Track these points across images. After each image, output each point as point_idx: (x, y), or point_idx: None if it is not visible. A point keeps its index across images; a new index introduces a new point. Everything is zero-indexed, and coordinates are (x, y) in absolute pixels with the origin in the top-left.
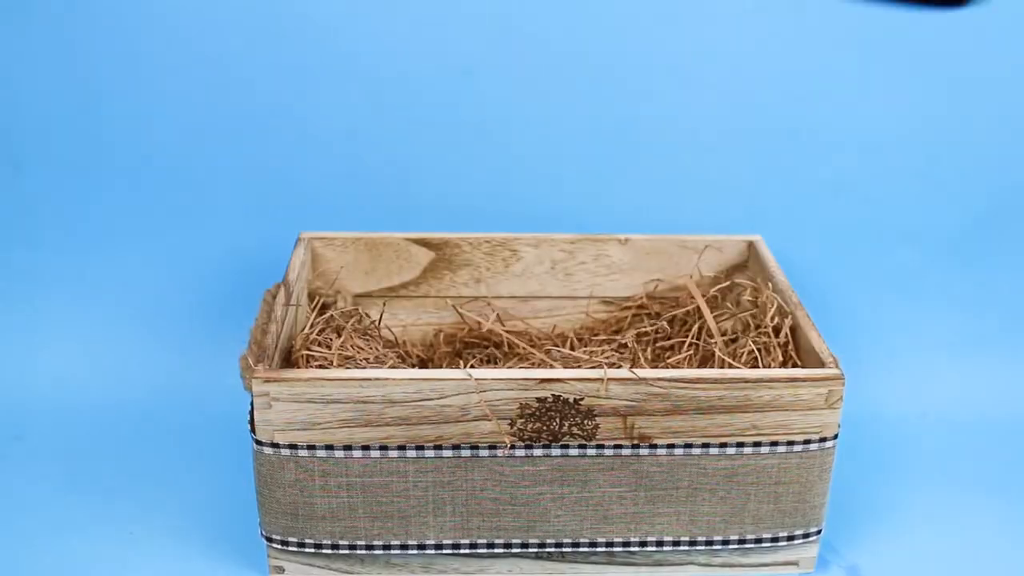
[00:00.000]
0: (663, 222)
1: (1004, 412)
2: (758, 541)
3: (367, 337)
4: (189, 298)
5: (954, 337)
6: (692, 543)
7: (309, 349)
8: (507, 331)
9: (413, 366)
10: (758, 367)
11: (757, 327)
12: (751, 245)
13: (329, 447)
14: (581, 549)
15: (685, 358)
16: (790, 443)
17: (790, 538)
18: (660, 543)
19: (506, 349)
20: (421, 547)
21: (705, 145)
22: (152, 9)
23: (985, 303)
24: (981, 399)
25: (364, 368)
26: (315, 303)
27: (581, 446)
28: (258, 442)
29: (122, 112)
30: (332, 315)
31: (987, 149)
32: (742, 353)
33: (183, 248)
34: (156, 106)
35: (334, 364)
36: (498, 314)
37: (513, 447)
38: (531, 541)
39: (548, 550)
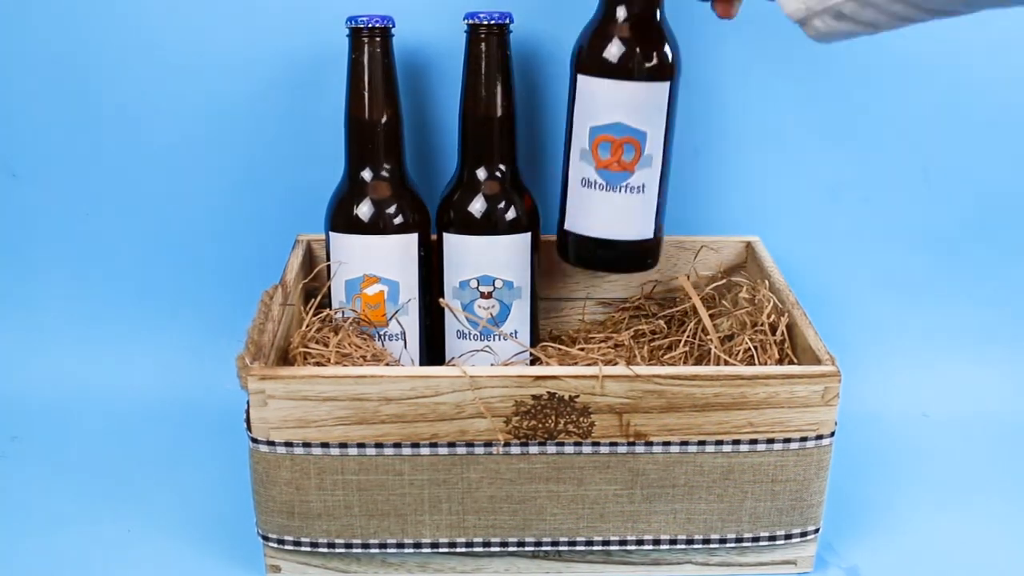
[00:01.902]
0: None
1: (1004, 411)
2: (755, 540)
3: (365, 336)
4: (187, 299)
5: (954, 337)
6: (689, 542)
7: (306, 347)
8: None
9: None
10: (754, 365)
11: (753, 325)
12: (749, 246)
13: (325, 445)
14: (577, 548)
15: (681, 356)
16: (787, 440)
17: (787, 537)
18: (657, 542)
19: None
20: (417, 546)
21: (703, 146)
22: (147, 14)
23: (984, 303)
24: (981, 399)
25: (359, 365)
26: (312, 303)
27: (577, 443)
28: (254, 440)
29: (119, 115)
30: (329, 314)
31: (984, 149)
32: (738, 351)
33: (181, 249)
34: (153, 109)
35: (331, 362)
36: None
37: (508, 444)
38: (527, 540)
39: (544, 549)
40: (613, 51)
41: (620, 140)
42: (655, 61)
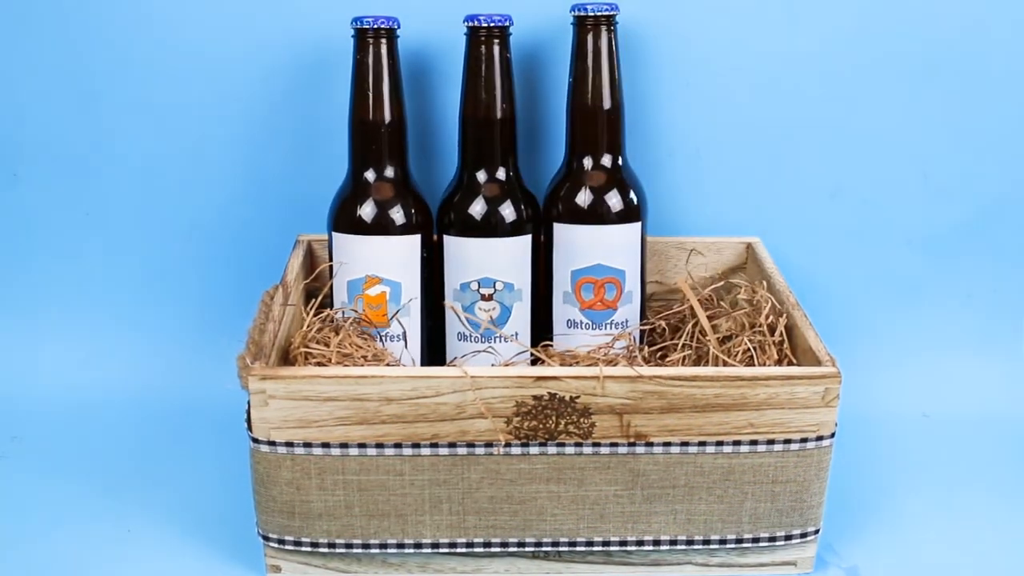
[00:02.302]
0: (661, 224)
1: (1004, 411)
2: (755, 541)
3: (366, 336)
4: (188, 299)
5: (954, 337)
6: (689, 543)
7: (307, 347)
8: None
9: None
10: (753, 366)
11: (752, 326)
12: (749, 247)
13: (325, 445)
14: (578, 548)
15: (681, 358)
16: (787, 441)
17: (787, 538)
18: (657, 542)
19: None
20: (418, 546)
21: (703, 147)
22: (148, 13)
23: (984, 303)
24: (981, 399)
25: (360, 365)
26: (313, 303)
27: (577, 444)
28: (255, 440)
29: (119, 115)
30: (329, 314)
31: (983, 149)
32: (737, 352)
33: (182, 249)
34: (154, 109)
35: (332, 362)
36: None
37: (509, 445)
38: (528, 540)
39: (545, 549)
40: (584, 199)
41: (601, 280)
42: (623, 205)
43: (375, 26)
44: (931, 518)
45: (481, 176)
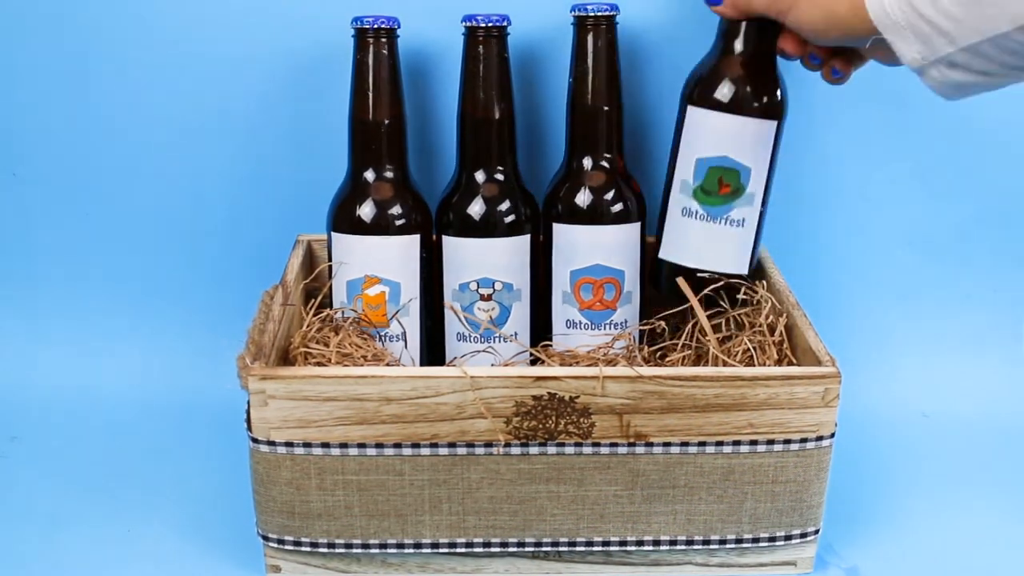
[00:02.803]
0: None
1: (1004, 411)
2: (755, 541)
3: (365, 336)
4: (188, 299)
5: (953, 337)
6: (689, 543)
7: (307, 347)
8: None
9: None
10: (753, 365)
11: (752, 326)
12: None
13: (325, 445)
14: (578, 548)
15: (681, 358)
16: (787, 441)
17: (787, 538)
18: (657, 542)
19: None
20: (417, 546)
21: None
22: (148, 13)
23: (984, 303)
24: (981, 399)
25: (360, 365)
26: (313, 303)
27: (577, 444)
28: (254, 440)
29: (119, 115)
30: (329, 314)
31: (984, 150)
32: (737, 352)
33: (182, 249)
34: (155, 108)
35: (332, 362)
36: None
37: (509, 445)
38: (527, 540)
39: (544, 549)
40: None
41: (600, 281)
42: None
43: (375, 26)
44: (931, 518)
45: (480, 176)
